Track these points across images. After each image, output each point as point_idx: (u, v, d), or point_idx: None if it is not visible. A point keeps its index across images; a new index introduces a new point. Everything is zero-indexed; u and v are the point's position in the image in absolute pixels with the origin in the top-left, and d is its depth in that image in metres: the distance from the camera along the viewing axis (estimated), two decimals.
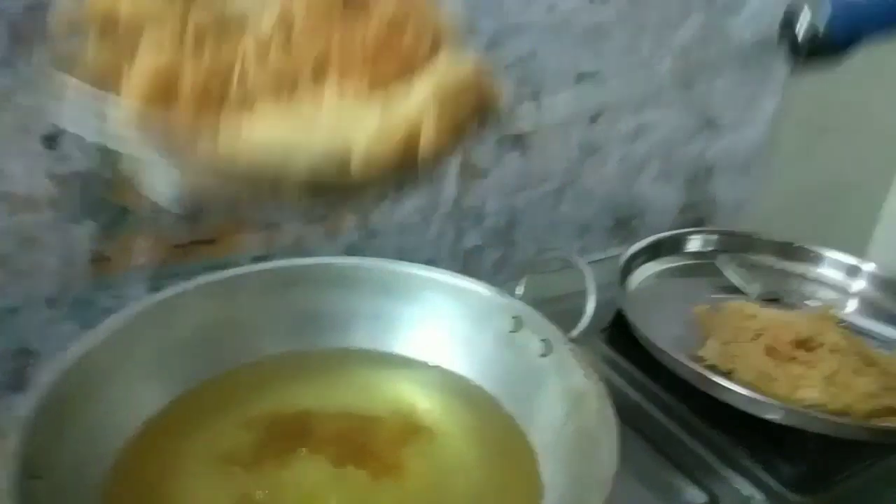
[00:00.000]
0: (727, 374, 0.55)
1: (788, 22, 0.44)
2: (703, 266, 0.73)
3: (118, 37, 0.32)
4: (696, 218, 0.90)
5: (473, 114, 0.34)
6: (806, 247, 0.75)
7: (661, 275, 0.72)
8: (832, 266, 0.74)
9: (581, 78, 0.72)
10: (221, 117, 0.30)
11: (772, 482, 0.51)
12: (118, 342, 0.45)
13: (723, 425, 0.54)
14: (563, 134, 0.74)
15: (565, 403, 0.46)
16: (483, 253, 0.75)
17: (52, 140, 0.50)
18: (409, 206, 0.68)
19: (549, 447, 0.46)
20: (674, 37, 0.76)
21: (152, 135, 0.30)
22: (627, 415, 0.55)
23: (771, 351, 0.56)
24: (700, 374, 0.53)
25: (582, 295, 0.50)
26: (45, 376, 0.40)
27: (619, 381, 0.60)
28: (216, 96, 0.31)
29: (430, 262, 0.57)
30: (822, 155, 0.84)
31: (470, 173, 0.70)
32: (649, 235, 0.73)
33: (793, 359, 0.55)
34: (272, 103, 0.31)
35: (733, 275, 0.71)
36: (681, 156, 0.84)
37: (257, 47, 0.31)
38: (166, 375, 0.48)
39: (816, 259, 0.75)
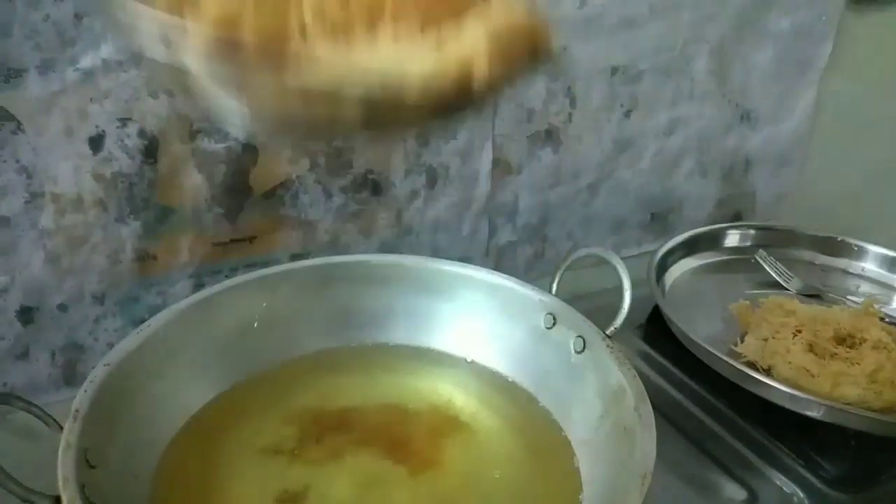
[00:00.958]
0: (766, 371, 0.55)
1: None
2: (741, 261, 0.73)
3: None
4: (733, 212, 0.89)
5: (524, 53, 0.35)
6: (848, 241, 0.74)
7: (698, 270, 0.71)
8: (875, 261, 0.73)
9: (615, 72, 0.72)
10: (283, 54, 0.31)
11: (813, 480, 0.50)
12: (165, 338, 0.46)
13: (762, 422, 0.54)
14: (596, 129, 0.74)
15: (602, 400, 0.46)
16: (517, 249, 0.75)
17: (97, 142, 0.51)
18: (443, 203, 0.68)
19: (587, 443, 0.46)
20: (709, 29, 0.75)
21: (221, 61, 0.31)
22: (665, 411, 0.55)
23: (811, 347, 0.55)
24: (739, 371, 0.53)
25: (617, 291, 0.50)
26: (97, 371, 0.41)
27: (656, 378, 0.60)
28: (277, 43, 0.31)
29: (464, 259, 0.58)
30: (863, 146, 0.82)
31: (503, 170, 0.70)
32: (686, 230, 0.72)
33: (834, 355, 0.55)
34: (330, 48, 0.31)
35: (772, 270, 0.70)
36: (717, 149, 0.83)
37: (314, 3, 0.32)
38: (211, 371, 0.49)
39: (858, 253, 0.73)
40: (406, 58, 0.32)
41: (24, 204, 0.50)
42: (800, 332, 0.57)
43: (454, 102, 0.33)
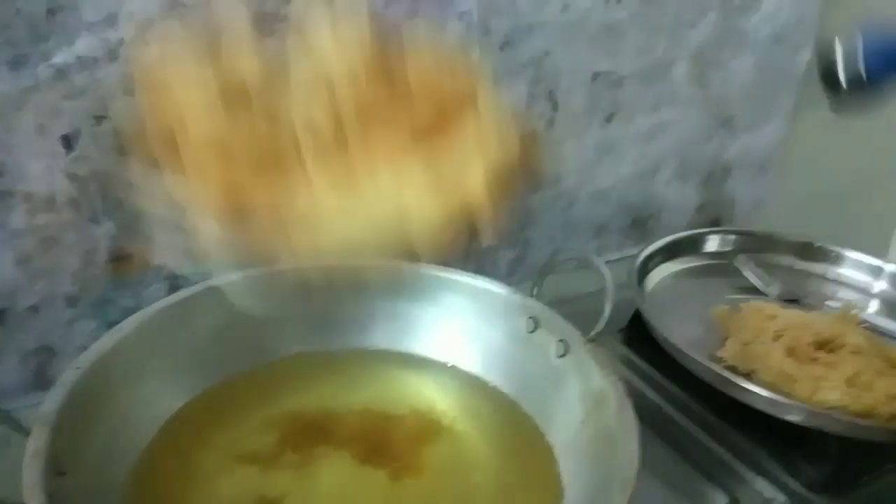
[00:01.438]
0: (747, 375, 0.55)
1: (825, 60, 0.44)
2: (721, 266, 0.73)
3: (190, 149, 0.34)
4: (713, 218, 0.89)
5: (520, 175, 0.36)
6: (826, 247, 0.74)
7: (678, 275, 0.71)
8: (853, 266, 0.73)
9: (596, 77, 0.72)
10: (291, 225, 0.32)
11: (793, 484, 0.50)
12: (139, 341, 0.45)
13: (743, 427, 0.54)
14: (577, 134, 0.74)
15: (584, 404, 0.46)
16: (498, 253, 0.75)
17: (70, 140, 0.50)
18: None
19: (569, 448, 0.46)
20: (689, 36, 0.76)
21: (235, 246, 0.32)
22: (646, 416, 0.55)
23: (791, 352, 0.56)
24: (720, 375, 0.53)
25: (598, 295, 0.50)
26: (68, 375, 0.41)
27: (637, 382, 0.59)
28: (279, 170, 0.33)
29: (445, 263, 0.57)
30: (842, 153, 0.83)
31: None
32: (665, 235, 0.73)
33: (814, 360, 0.55)
34: (329, 176, 0.33)
35: (752, 275, 0.71)
36: (697, 155, 0.84)
37: (309, 123, 0.33)
38: (186, 375, 0.48)
39: (837, 259, 0.74)
40: (410, 201, 0.32)
41: None
42: (780, 336, 0.57)
43: (458, 239, 0.34)
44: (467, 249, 0.72)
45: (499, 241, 0.34)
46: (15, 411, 0.40)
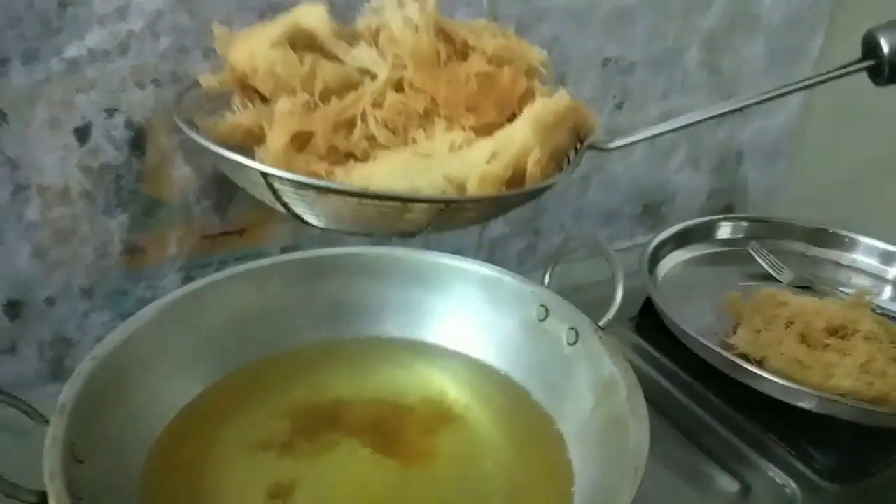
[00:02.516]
0: (759, 362, 0.54)
1: (870, 50, 0.46)
2: (733, 253, 0.73)
3: (256, 97, 0.38)
4: (725, 204, 0.89)
5: (571, 140, 0.39)
6: (839, 232, 0.74)
7: (690, 262, 0.71)
8: (866, 252, 0.73)
9: (606, 63, 0.71)
10: (350, 163, 0.36)
11: (805, 471, 0.50)
12: (154, 331, 0.46)
13: (755, 413, 0.54)
14: None
15: (594, 391, 0.46)
16: (509, 242, 0.75)
17: (83, 133, 0.50)
18: None
19: (579, 435, 0.46)
20: (700, 21, 0.75)
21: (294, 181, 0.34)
22: (657, 403, 0.55)
23: (804, 338, 0.55)
24: (731, 362, 0.52)
25: (609, 283, 0.50)
26: (84, 365, 0.41)
27: (649, 370, 0.60)
28: (343, 145, 0.36)
29: (456, 251, 0.57)
30: (854, 138, 0.82)
31: None
32: (677, 222, 0.72)
33: (826, 346, 0.55)
34: (390, 146, 0.36)
35: (764, 262, 0.70)
36: (709, 141, 0.83)
37: (374, 98, 0.37)
38: (200, 364, 0.49)
39: (850, 245, 0.73)
40: (463, 153, 0.35)
41: (9, 196, 0.49)
42: (792, 323, 0.57)
43: (513, 197, 0.35)
44: (479, 237, 0.72)
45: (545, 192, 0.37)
46: (33, 401, 0.40)
